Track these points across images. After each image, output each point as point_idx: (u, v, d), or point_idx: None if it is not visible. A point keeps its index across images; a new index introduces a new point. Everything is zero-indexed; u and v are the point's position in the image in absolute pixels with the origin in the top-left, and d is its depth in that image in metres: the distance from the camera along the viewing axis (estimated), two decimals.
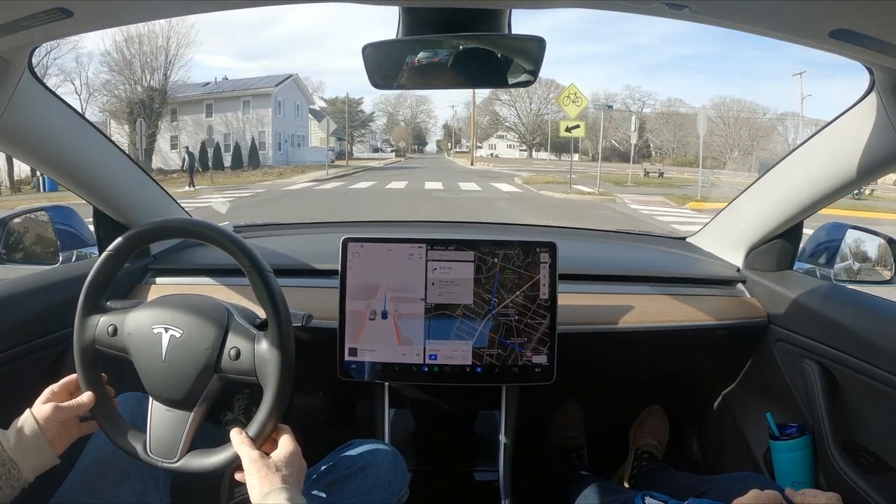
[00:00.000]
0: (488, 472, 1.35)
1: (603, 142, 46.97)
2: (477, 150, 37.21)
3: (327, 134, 23.32)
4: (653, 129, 44.40)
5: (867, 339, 1.12)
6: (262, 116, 30.93)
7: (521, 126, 54.00)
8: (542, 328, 1.24)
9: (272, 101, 31.20)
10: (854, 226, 1.45)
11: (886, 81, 0.94)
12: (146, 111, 26.03)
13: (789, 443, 1.27)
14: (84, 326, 0.92)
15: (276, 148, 31.27)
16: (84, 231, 1.50)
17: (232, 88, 32.13)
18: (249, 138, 30.13)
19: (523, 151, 53.31)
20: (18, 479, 0.83)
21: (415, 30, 0.93)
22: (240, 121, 30.95)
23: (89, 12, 0.77)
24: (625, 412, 1.82)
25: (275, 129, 31.06)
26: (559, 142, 47.80)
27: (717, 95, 46.86)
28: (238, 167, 27.56)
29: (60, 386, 0.92)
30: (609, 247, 1.86)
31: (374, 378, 1.26)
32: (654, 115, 46.56)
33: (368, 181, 19.49)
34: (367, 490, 1.03)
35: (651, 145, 43.62)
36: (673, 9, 0.74)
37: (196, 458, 0.89)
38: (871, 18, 0.69)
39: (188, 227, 0.97)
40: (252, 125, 30.87)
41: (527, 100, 51.70)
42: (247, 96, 31.51)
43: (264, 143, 30.71)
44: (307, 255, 1.48)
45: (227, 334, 0.89)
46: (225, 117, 30.67)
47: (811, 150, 1.23)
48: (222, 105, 31.07)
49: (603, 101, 47.04)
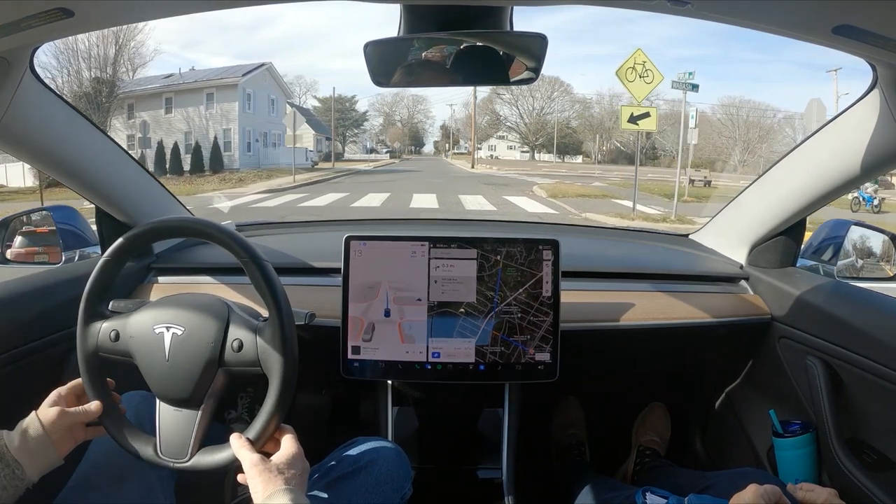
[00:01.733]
0: (492, 469, 1.35)
1: (606, 143, 45.98)
2: (476, 152, 35.77)
3: (293, 131, 18.91)
4: (661, 129, 42.89)
5: (871, 335, 1.11)
6: (227, 111, 25.92)
7: (523, 126, 51.44)
8: (545, 326, 1.24)
9: (239, 94, 26.07)
10: (857, 222, 1.45)
11: (889, 78, 0.94)
12: (92, 105, 21.72)
13: (793, 440, 1.27)
14: (86, 335, 0.92)
15: (245, 148, 26.37)
16: (87, 230, 1.50)
17: (194, 79, 27.21)
18: (213, 137, 25.32)
19: (524, 153, 50.80)
20: (22, 479, 0.83)
21: (416, 28, 0.93)
22: (202, 117, 26.01)
23: (90, 12, 0.77)
24: (627, 409, 1.82)
25: (242, 127, 26.15)
26: (563, 143, 46.30)
27: (725, 95, 45.24)
28: (198, 171, 23.59)
29: (68, 389, 0.93)
30: (612, 244, 1.85)
31: (377, 376, 1.27)
32: (661, 115, 43.54)
33: (338, 193, 15.31)
34: (371, 488, 1.03)
35: (657, 147, 41.98)
36: (675, 5, 0.73)
37: (206, 456, 0.89)
38: (875, 15, 0.68)
39: (182, 226, 0.98)
40: (216, 122, 25.84)
41: (529, 98, 49.36)
42: (210, 88, 26.24)
43: (230, 143, 25.74)
44: (310, 253, 1.48)
45: (229, 327, 0.89)
46: (186, 113, 25.94)
47: (814, 147, 1.23)
48: (183, 99, 26.06)
49: (608, 98, 45.38)
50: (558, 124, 47.53)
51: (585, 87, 58.01)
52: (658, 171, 28.34)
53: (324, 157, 34.17)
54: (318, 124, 37.51)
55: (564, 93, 48.90)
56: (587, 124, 47.30)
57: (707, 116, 40.33)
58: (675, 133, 40.77)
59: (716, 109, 37.84)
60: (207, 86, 26.26)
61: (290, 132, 18.95)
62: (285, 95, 31.62)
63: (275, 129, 28.57)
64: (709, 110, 39.98)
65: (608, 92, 47.55)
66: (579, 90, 53.75)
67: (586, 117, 47.46)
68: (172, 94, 25.96)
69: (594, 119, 46.50)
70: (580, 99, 49.29)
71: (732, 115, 36.62)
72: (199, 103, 25.94)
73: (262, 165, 25.54)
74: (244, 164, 25.26)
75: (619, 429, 1.80)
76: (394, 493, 1.06)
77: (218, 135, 25.31)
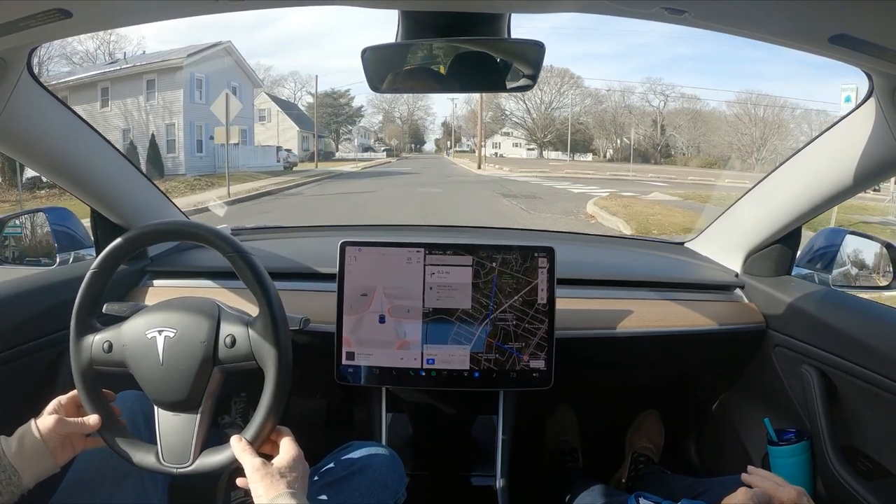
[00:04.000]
0: (486, 476, 1.34)
1: (618, 140, 43.61)
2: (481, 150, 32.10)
3: (226, 123, 13.37)
4: (677, 125, 39.94)
5: (865, 344, 1.12)
6: (171, 102, 20.35)
7: (530, 121, 46.63)
8: (540, 333, 1.24)
9: (185, 79, 20.22)
10: (852, 231, 1.46)
11: (885, 87, 0.94)
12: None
13: (787, 448, 1.27)
14: (79, 349, 0.91)
15: (194, 148, 20.49)
16: (81, 232, 1.49)
17: (131, 65, 21.35)
18: (152, 134, 19.71)
19: (531, 150, 46.44)
20: (18, 485, 0.83)
21: (414, 33, 0.93)
22: (142, 110, 20.41)
23: (88, 13, 0.77)
24: (622, 416, 1.82)
25: (190, 121, 20.21)
26: (573, 140, 43.22)
27: (742, 90, 42.70)
28: None
29: (68, 399, 0.92)
30: (607, 252, 1.86)
31: (372, 382, 1.26)
32: (677, 110, 40.78)
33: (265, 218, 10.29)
34: (364, 492, 1.03)
35: (670, 144, 39.97)
36: (672, 13, 0.74)
37: (208, 458, 0.89)
38: (871, 25, 0.69)
39: (165, 230, 0.98)
40: (157, 115, 20.37)
41: (537, 91, 43.85)
42: (151, 73, 20.45)
43: (174, 142, 20.15)
44: (305, 258, 1.48)
45: (220, 324, 0.89)
46: (124, 105, 20.40)
47: (810, 156, 1.24)
48: (121, 88, 20.35)
49: (619, 93, 42.29)
50: (569, 119, 43.84)
51: (590, 83, 57.86)
52: (698, 172, 25.80)
53: (311, 157, 30.12)
54: (302, 119, 34.32)
55: (574, 86, 45.50)
56: (599, 120, 44.11)
57: (717, 113, 38.95)
58: (690, 129, 38.87)
59: (732, 105, 36.31)
60: (148, 70, 20.56)
61: (224, 124, 13.54)
62: (253, 84, 25.80)
63: (237, 123, 21.63)
64: (724, 107, 38.45)
65: (619, 86, 45.37)
66: (589, 83, 50.45)
67: (598, 112, 44.16)
68: (109, 83, 20.45)
69: (606, 114, 43.23)
70: (592, 92, 45.27)
71: (749, 111, 34.96)
72: (139, 93, 20.47)
73: (218, 169, 19.08)
74: (193, 168, 19.61)
75: (612, 435, 1.80)
76: (387, 498, 1.06)
77: (159, 131, 19.97)
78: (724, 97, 55.88)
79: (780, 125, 33.70)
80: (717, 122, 37.92)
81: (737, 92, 45.85)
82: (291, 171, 22.08)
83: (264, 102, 32.55)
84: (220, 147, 19.19)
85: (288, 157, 24.45)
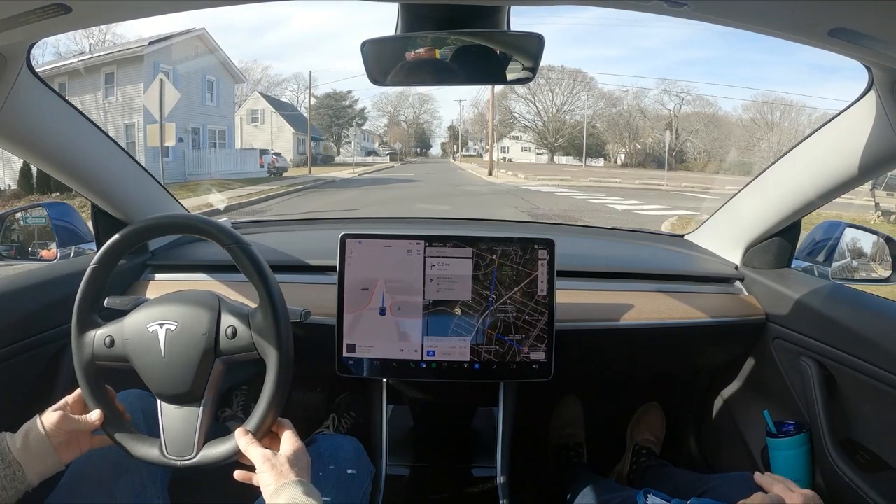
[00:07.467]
0: (486, 468, 1.35)
1: (631, 144, 41.68)
2: (488, 154, 29.74)
3: (160, 119, 11.27)
4: (693, 129, 37.67)
5: (865, 337, 1.12)
6: (131, 98, 17.38)
7: (541, 124, 43.63)
8: (540, 325, 1.24)
9: (147, 71, 16.99)
10: (851, 224, 1.46)
11: (885, 80, 0.94)
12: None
13: (786, 440, 1.28)
14: (81, 345, 0.92)
15: (158, 152, 14.56)
16: (82, 227, 1.50)
17: (88, 56, 18.39)
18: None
19: (540, 155, 43.53)
20: (23, 481, 0.84)
21: (414, 27, 0.93)
22: (100, 107, 17.55)
23: (87, 8, 0.76)
24: (622, 409, 1.82)
25: (150, 119, 15.22)
26: (587, 144, 40.49)
27: (759, 92, 38.82)
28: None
29: (75, 397, 0.93)
30: (607, 244, 1.86)
31: (372, 374, 1.27)
32: (693, 113, 38.37)
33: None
34: (335, 484, 1.05)
35: (684, 149, 37.78)
36: (672, 6, 0.74)
37: (211, 450, 0.89)
38: (870, 17, 0.69)
39: (166, 223, 0.98)
40: (116, 114, 17.54)
41: (548, 93, 41.95)
42: (110, 66, 17.63)
43: (133, 144, 16.75)
44: (305, 251, 1.48)
45: (221, 315, 0.90)
46: (81, 103, 16.42)
47: (810, 148, 1.23)
48: (79, 84, 17.52)
49: (632, 94, 40.27)
50: (585, 122, 41.23)
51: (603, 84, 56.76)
52: (735, 180, 22.71)
53: (307, 161, 27.44)
54: (297, 120, 31.94)
55: (587, 87, 42.67)
56: (612, 123, 41.30)
57: (725, 117, 37.47)
58: (707, 133, 36.85)
59: (749, 108, 35.16)
60: (107, 62, 17.71)
61: (157, 119, 11.34)
62: (234, 80, 22.77)
63: (214, 123, 20.41)
64: (731, 111, 36.71)
65: (633, 87, 42.59)
66: (602, 85, 48.05)
67: (611, 116, 41.76)
68: (66, 79, 17.48)
69: (620, 118, 40.88)
70: (606, 94, 42.23)
71: (765, 115, 33.92)
72: (97, 88, 17.71)
73: (189, 176, 17.33)
74: (157, 176, 9.27)
75: (613, 428, 1.81)
76: (356, 490, 1.08)
77: (118, 133, 17.06)
78: (739, 99, 54.18)
79: (797, 130, 31.70)
80: (726, 128, 36.83)
81: (753, 94, 43.18)
82: (280, 177, 20.12)
83: (257, 102, 31.31)
84: (190, 149, 17.83)
85: (275, 161, 21.71)
